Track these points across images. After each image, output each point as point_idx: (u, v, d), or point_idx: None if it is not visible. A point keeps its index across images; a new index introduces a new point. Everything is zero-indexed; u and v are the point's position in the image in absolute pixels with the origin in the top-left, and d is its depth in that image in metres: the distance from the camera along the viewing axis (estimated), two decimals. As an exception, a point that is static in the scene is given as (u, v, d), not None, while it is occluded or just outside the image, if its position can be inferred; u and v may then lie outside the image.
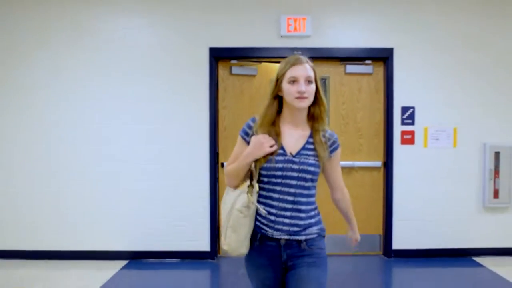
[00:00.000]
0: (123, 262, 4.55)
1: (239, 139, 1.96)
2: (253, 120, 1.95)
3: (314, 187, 1.93)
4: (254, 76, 4.78)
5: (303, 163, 1.86)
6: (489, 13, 4.69)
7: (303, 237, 1.87)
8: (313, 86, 1.86)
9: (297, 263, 1.86)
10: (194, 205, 4.63)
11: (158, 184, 4.63)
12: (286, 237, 1.86)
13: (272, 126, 1.90)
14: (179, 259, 4.63)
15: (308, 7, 4.61)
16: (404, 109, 4.68)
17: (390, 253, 4.74)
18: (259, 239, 1.89)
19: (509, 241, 4.79)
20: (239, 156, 1.90)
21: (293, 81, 1.84)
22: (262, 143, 1.84)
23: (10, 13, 4.61)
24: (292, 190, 1.85)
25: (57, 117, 4.61)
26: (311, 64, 1.89)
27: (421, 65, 4.69)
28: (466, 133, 4.72)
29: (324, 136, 1.92)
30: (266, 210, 1.86)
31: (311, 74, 1.86)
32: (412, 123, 4.69)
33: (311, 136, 1.92)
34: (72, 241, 4.65)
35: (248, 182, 1.90)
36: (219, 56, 4.66)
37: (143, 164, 4.63)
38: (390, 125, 4.70)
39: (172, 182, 4.63)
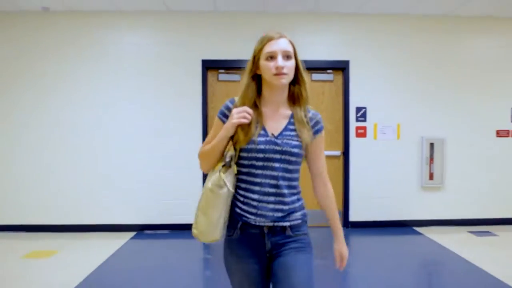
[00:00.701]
0: (133, 233, 5.59)
1: (216, 120, 1.81)
2: (232, 102, 1.80)
3: (298, 171, 1.79)
4: (238, 81, 5.85)
5: (286, 144, 1.72)
6: (429, 31, 5.85)
7: (287, 223, 1.74)
8: (292, 62, 1.72)
9: (283, 250, 1.73)
10: (190, 186, 5.68)
11: (161, 170, 5.68)
12: (270, 223, 1.72)
13: (253, 107, 1.75)
14: (179, 230, 5.67)
15: (283, 27, 5.71)
16: (358, 109, 5.81)
17: (348, 224, 5.85)
18: (240, 227, 1.74)
19: (442, 214, 5.94)
20: (214, 137, 1.77)
21: (271, 57, 1.70)
22: (233, 114, 1.70)
23: (21, 25, 5.59)
24: (275, 173, 1.72)
25: (79, 118, 5.62)
26: (289, 38, 1.75)
27: (372, 74, 5.83)
28: (407, 128, 5.87)
29: (306, 116, 1.79)
30: (248, 196, 1.73)
31: (289, 49, 1.71)
32: (365, 120, 5.82)
33: (293, 116, 1.78)
34: (93, 216, 5.65)
35: (221, 163, 1.76)
36: (209, 66, 5.72)
37: (150, 154, 5.67)
38: (347, 122, 5.82)
39: (173, 168, 5.68)
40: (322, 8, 5.55)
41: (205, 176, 5.68)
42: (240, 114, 1.68)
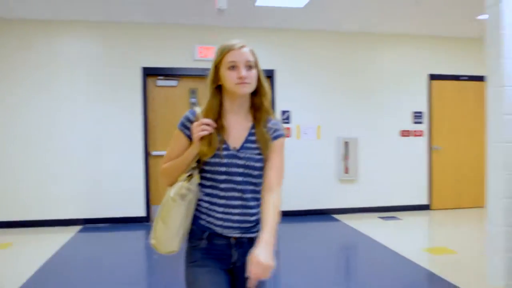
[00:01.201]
0: (80, 227, 5.99)
1: (177, 132, 1.72)
2: (192, 113, 1.71)
3: (261, 183, 1.73)
4: (175, 87, 6.43)
5: (248, 159, 1.68)
6: (345, 45, 6.77)
7: (255, 234, 1.69)
8: (254, 72, 1.67)
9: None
10: (133, 182, 6.18)
11: (104, 167, 6.13)
12: (238, 234, 1.68)
13: (217, 118, 1.69)
14: (122, 223, 6.12)
15: (215, 39, 6.37)
16: (283, 112, 6.60)
17: (276, 214, 6.58)
18: (207, 237, 1.68)
19: (356, 203, 6.84)
20: (176, 151, 1.70)
21: (233, 66, 1.64)
22: (192, 130, 1.65)
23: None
24: (238, 187, 1.67)
25: (26, 120, 5.94)
26: (251, 48, 1.70)
27: (295, 81, 6.63)
28: (326, 129, 6.73)
29: (266, 126, 1.73)
30: (212, 209, 1.68)
31: (251, 59, 1.66)
32: (289, 122, 6.61)
33: (253, 127, 1.73)
34: (43, 212, 5.97)
35: (186, 173, 1.70)
36: (149, 73, 6.26)
37: (93, 153, 6.10)
38: (274, 123, 6.57)
39: (115, 165, 6.15)
40: (251, 24, 6.27)
41: (147, 174, 6.20)
42: (199, 128, 1.62)
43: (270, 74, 6.54)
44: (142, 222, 6.24)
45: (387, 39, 6.93)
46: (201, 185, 1.71)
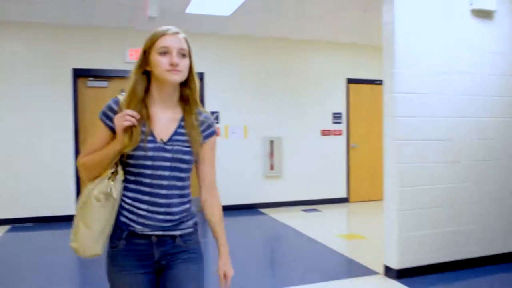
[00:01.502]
0: (7, 227, 5.96)
1: (99, 123, 1.59)
2: (115, 101, 1.58)
3: (189, 178, 1.66)
4: (105, 87, 6.56)
5: (177, 151, 1.58)
6: (271, 50, 7.24)
7: (178, 232, 1.61)
8: (187, 61, 1.58)
9: (172, 261, 1.61)
10: (64, 181, 6.25)
11: (37, 166, 6.14)
12: (159, 233, 1.58)
13: (142, 107, 1.57)
14: (53, 222, 6.17)
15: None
16: (212, 113, 6.95)
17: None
18: (125, 237, 1.57)
19: (281, 197, 7.35)
20: (97, 144, 1.57)
21: (165, 52, 1.54)
22: (115, 122, 1.52)
23: None
24: (165, 183, 1.57)
25: None
26: (185, 35, 1.61)
27: (223, 83, 7.01)
28: (252, 129, 7.17)
29: (197, 119, 1.65)
30: (136, 206, 1.57)
31: (185, 47, 1.58)
32: (218, 122, 6.97)
33: (183, 119, 1.63)
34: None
35: (111, 169, 1.58)
36: (80, 74, 6.36)
37: (22, 153, 6.10)
38: (203, 123, 6.92)
39: (49, 164, 6.20)
40: (181, 29, 6.53)
41: (78, 173, 6.29)
42: (122, 119, 1.50)
43: (200, 77, 6.73)
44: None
45: (309, 45, 7.50)
46: (125, 180, 1.59)
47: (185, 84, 1.63)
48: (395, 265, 3.83)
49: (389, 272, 3.90)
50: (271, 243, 5.55)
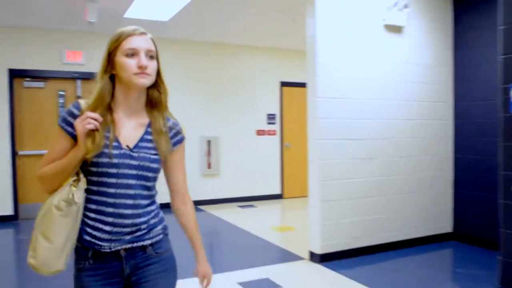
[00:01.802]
0: None
1: (58, 130, 1.47)
2: (76, 106, 1.47)
3: (155, 187, 1.58)
4: (42, 88, 6.59)
5: (143, 159, 1.49)
6: (209, 53, 7.56)
7: (148, 241, 1.53)
8: (155, 63, 1.51)
9: (144, 276, 1.52)
10: (1, 181, 6.21)
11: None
12: (128, 246, 1.49)
13: (106, 112, 1.48)
14: (-15, 226, 6.14)
15: (82, 44, 6.68)
16: (151, 114, 7.16)
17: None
18: (91, 256, 1.46)
19: (218, 194, 7.70)
20: (57, 152, 1.45)
21: (132, 54, 1.46)
22: (76, 126, 1.41)
23: None
24: (131, 192, 1.47)
25: None
26: (151, 36, 1.54)
27: (162, 85, 7.23)
28: (191, 129, 7.45)
29: (165, 125, 1.57)
30: (100, 220, 1.46)
31: (153, 48, 1.51)
32: (157, 123, 7.19)
33: (150, 125, 1.55)
34: None
35: (72, 178, 1.46)
36: (16, 75, 6.35)
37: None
38: (142, 124, 7.12)
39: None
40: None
41: (15, 173, 6.29)
42: (84, 122, 1.39)
43: (138, 78, 7.05)
44: (11, 220, 6.31)
45: (245, 49, 7.91)
46: (87, 191, 1.47)
47: (153, 87, 1.55)
48: (318, 250, 4.32)
49: (313, 257, 4.38)
50: (209, 236, 5.87)
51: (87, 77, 6.62)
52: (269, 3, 5.40)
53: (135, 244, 1.51)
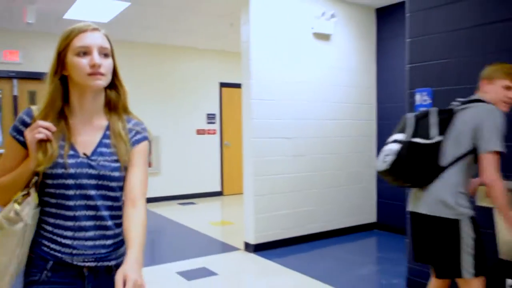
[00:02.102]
0: None
1: (9, 140, 1.36)
2: (28, 113, 1.36)
3: (122, 195, 1.42)
4: (-24, 87, 6.47)
5: (102, 167, 1.36)
6: (150, 55, 7.68)
7: (113, 262, 1.39)
8: (110, 61, 1.38)
9: None
10: None
11: None
12: (92, 264, 1.35)
13: (59, 118, 1.36)
14: None
15: (20, 44, 6.61)
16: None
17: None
18: (50, 267, 1.33)
19: (160, 192, 7.83)
20: (8, 163, 1.34)
21: (84, 52, 1.32)
22: (26, 136, 1.30)
23: None
24: (91, 203, 1.34)
25: None
26: (106, 32, 1.40)
27: (102, 85, 7.28)
28: (131, 128, 7.54)
29: (124, 128, 1.44)
30: (58, 234, 1.33)
31: (107, 45, 1.38)
32: (97, 122, 7.23)
33: (108, 128, 1.42)
34: None
35: (22, 192, 1.34)
36: None
37: None
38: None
39: None
40: (60, 31, 6.70)
41: None
42: (34, 132, 1.28)
43: (77, 78, 7.07)
44: None
45: (185, 51, 8.11)
46: (45, 204, 1.35)
47: (110, 88, 1.44)
48: (252, 240, 4.65)
49: (248, 247, 4.71)
50: (149, 233, 5.97)
51: (24, 76, 6.56)
52: (209, 8, 5.66)
53: (99, 264, 1.37)
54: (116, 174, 1.38)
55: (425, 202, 2.35)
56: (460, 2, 3.28)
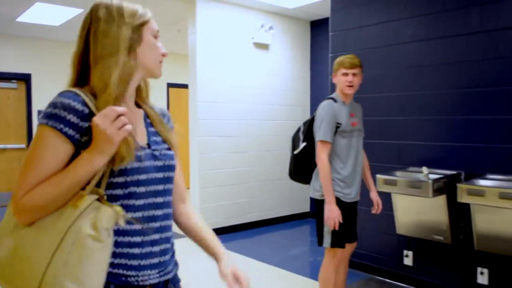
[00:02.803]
0: None
1: (46, 134, 1.03)
2: (79, 100, 1.07)
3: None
4: None
5: (166, 157, 1.20)
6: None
7: (171, 275, 1.23)
8: None
9: None
10: None
11: None
12: (156, 279, 1.16)
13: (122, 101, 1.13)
14: None
15: (-32, 41, 6.74)
16: (39, 112, 7.41)
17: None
18: None
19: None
20: (51, 166, 1.02)
21: (156, 36, 1.21)
22: (100, 125, 1.01)
23: None
24: (160, 200, 1.17)
25: None
26: None
27: (50, 85, 7.51)
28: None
29: (157, 113, 1.29)
30: (125, 242, 1.11)
31: None
32: (46, 120, 7.45)
33: (147, 116, 1.26)
34: None
35: (90, 195, 1.03)
36: None
37: None
38: (30, 120, 7.35)
39: None
40: (13, 32, 6.87)
41: None
42: (118, 123, 1.02)
43: (27, 77, 7.27)
44: None
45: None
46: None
47: None
48: (198, 228, 5.17)
49: (194, 234, 5.22)
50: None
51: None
52: (159, 17, 5.96)
53: (162, 278, 1.19)
54: (175, 162, 1.25)
55: (311, 189, 3.03)
56: (373, 26, 3.98)
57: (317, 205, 2.95)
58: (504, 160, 3.17)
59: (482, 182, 3.13)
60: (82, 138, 1.06)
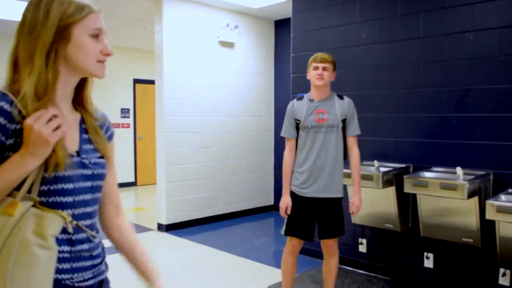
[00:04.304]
0: None
1: None
2: (6, 99, 1.00)
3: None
4: None
5: (96, 166, 1.15)
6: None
7: (103, 275, 1.21)
8: None
9: None
10: None
11: None
12: (90, 281, 1.15)
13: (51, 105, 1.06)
14: None
15: None
16: (4, 106, 7.35)
17: None
18: None
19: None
20: None
21: (97, 35, 1.11)
22: (33, 127, 0.96)
23: None
24: (89, 210, 1.13)
25: None
26: None
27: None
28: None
29: (95, 120, 1.23)
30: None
31: None
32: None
33: (83, 121, 1.19)
34: None
35: (24, 201, 0.99)
36: None
37: None
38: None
39: None
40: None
41: None
42: (52, 123, 0.98)
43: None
44: None
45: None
46: None
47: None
48: (164, 221, 5.34)
49: (160, 227, 5.39)
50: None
51: None
52: (125, 14, 6.17)
53: (96, 279, 1.18)
54: (105, 171, 1.19)
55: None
56: (332, 28, 4.22)
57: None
58: (447, 153, 3.48)
59: (427, 174, 3.43)
60: (7, 141, 1.00)
